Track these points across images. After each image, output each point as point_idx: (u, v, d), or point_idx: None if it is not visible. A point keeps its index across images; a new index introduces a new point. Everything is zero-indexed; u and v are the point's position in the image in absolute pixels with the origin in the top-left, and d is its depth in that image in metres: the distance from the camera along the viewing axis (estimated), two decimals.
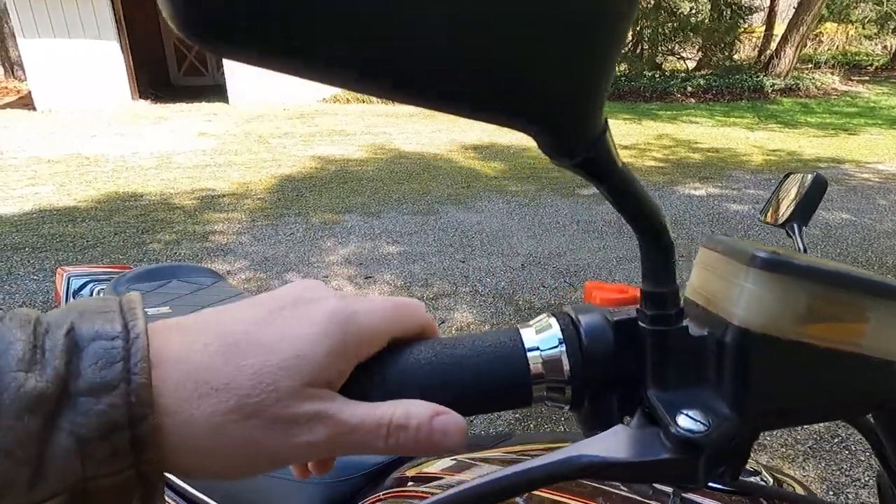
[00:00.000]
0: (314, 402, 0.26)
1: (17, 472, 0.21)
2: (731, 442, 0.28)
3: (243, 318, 0.27)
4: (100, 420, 0.22)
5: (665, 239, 0.28)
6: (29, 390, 0.21)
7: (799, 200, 0.83)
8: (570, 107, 0.21)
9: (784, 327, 0.26)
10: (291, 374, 0.25)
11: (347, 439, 0.26)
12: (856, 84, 12.18)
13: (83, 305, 0.25)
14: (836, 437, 2.11)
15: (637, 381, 0.30)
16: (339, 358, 0.27)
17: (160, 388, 0.24)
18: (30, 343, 0.22)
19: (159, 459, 0.23)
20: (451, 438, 0.28)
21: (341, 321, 0.27)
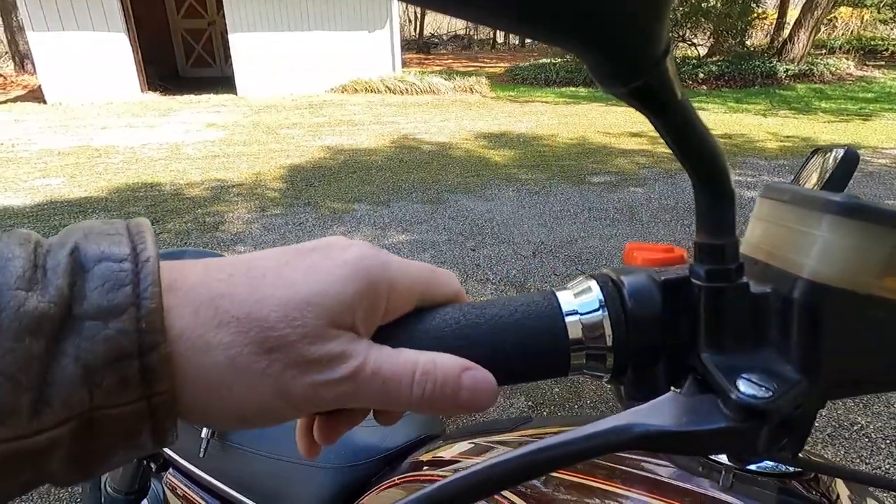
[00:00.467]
0: (339, 342, 0.24)
1: (17, 397, 0.19)
2: (798, 410, 0.25)
3: (269, 256, 0.25)
4: (107, 346, 0.20)
5: (726, 185, 0.25)
6: (30, 310, 0.19)
7: (827, 178, 0.80)
8: (631, 15, 0.18)
9: (862, 280, 0.23)
10: (318, 310, 0.24)
11: (370, 385, 0.25)
12: (871, 69, 11.98)
13: (87, 227, 0.23)
14: (854, 424, 2.07)
15: (686, 346, 0.27)
16: (367, 303, 0.25)
17: (175, 311, 0.22)
18: (30, 261, 0.20)
19: (171, 391, 0.21)
20: (480, 395, 0.26)
21: (372, 266, 0.26)
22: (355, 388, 0.24)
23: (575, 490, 0.57)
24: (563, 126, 7.31)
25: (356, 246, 0.26)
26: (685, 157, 0.24)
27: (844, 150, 0.80)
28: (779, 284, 0.26)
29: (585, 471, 0.59)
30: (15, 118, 8.20)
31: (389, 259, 0.27)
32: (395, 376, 0.25)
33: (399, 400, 0.25)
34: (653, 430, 0.24)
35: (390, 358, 0.25)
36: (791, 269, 0.25)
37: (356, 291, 0.25)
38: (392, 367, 0.25)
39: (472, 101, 9.62)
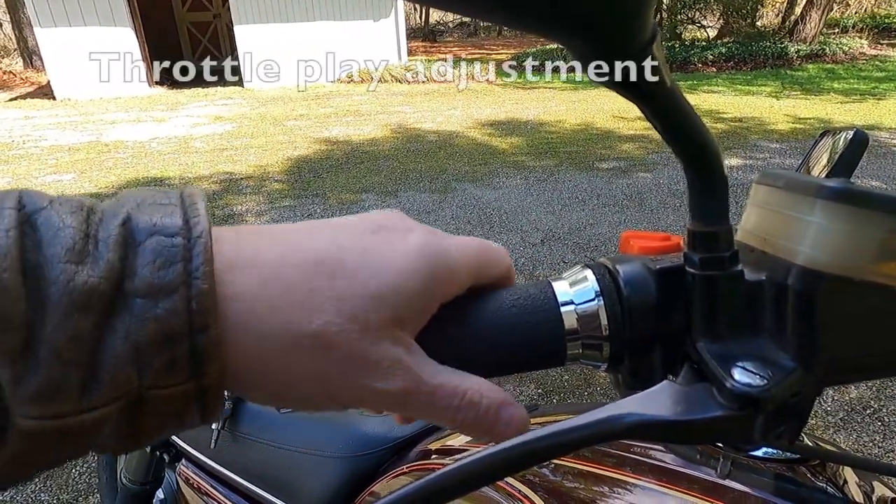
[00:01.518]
0: (397, 347, 0.24)
1: (66, 374, 0.19)
2: (794, 398, 0.25)
3: (326, 236, 0.24)
4: (157, 326, 0.20)
5: (718, 171, 0.25)
6: (79, 285, 0.19)
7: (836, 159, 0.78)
8: (616, 3, 0.18)
9: (857, 266, 0.23)
10: (380, 308, 0.23)
11: (420, 400, 0.24)
12: (885, 48, 11.75)
13: (140, 195, 0.22)
14: (867, 408, 2.06)
15: (682, 335, 0.27)
16: (426, 297, 0.25)
17: (232, 293, 0.21)
18: (81, 231, 0.20)
19: (221, 372, 0.21)
20: (511, 430, 0.26)
21: (433, 256, 0.25)
22: (403, 403, 0.24)
23: (583, 478, 0.57)
24: (570, 112, 7.25)
25: (416, 232, 0.26)
26: (676, 144, 0.24)
27: (854, 131, 0.79)
28: (774, 272, 0.25)
29: (594, 459, 0.59)
30: (25, 115, 8.26)
31: (447, 244, 0.26)
32: (444, 399, 0.25)
33: (441, 419, 0.25)
34: (646, 420, 0.24)
35: (445, 381, 0.25)
36: (785, 255, 0.25)
37: (416, 286, 0.24)
38: (445, 389, 0.25)
39: (478, 88, 9.56)
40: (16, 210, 0.19)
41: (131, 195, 0.22)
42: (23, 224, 0.19)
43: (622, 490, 0.55)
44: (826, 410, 2.05)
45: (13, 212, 0.19)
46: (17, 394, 0.18)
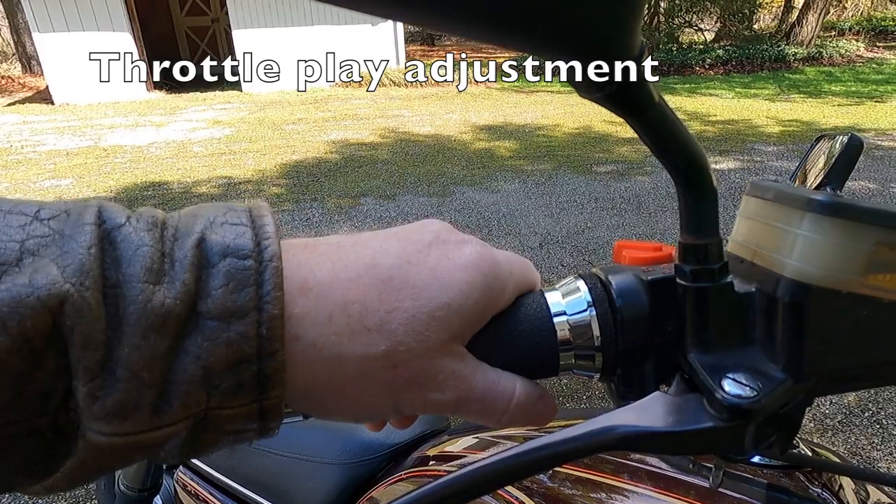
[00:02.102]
0: (454, 359, 0.25)
1: (140, 394, 0.19)
2: (783, 409, 0.25)
3: (391, 252, 0.25)
4: (228, 349, 0.20)
5: (708, 184, 0.25)
6: (157, 306, 0.19)
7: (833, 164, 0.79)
8: (601, 22, 0.18)
9: (844, 278, 0.23)
10: (442, 325, 0.24)
11: (470, 405, 0.26)
12: (882, 50, 11.80)
13: (212, 213, 0.23)
14: (866, 410, 2.06)
15: (674, 345, 0.28)
16: (482, 310, 0.26)
17: (309, 318, 0.22)
18: (158, 249, 0.20)
19: (283, 395, 0.22)
20: (545, 419, 0.28)
21: (488, 271, 0.26)
22: (458, 407, 0.26)
23: (581, 485, 0.57)
24: (568, 116, 7.27)
25: (469, 244, 0.27)
26: (666, 158, 0.24)
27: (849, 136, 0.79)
28: (763, 283, 0.25)
29: (592, 466, 0.59)
30: (23, 120, 8.26)
31: (498, 259, 0.27)
32: (493, 402, 0.26)
33: (488, 419, 0.27)
34: (638, 431, 0.24)
35: (493, 385, 0.26)
36: (775, 267, 0.25)
37: (476, 302, 0.25)
38: (493, 393, 0.26)
39: (477, 92, 9.57)
40: (96, 226, 0.20)
41: (203, 212, 0.23)
42: (103, 240, 0.20)
43: (620, 497, 0.55)
44: (824, 413, 2.05)
45: (94, 227, 0.20)
46: (91, 410, 0.19)
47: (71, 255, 0.19)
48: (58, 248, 0.19)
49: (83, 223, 0.20)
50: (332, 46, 10.31)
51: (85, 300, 0.18)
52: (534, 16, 0.17)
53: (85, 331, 0.18)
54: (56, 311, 0.18)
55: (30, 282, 0.18)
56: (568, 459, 0.25)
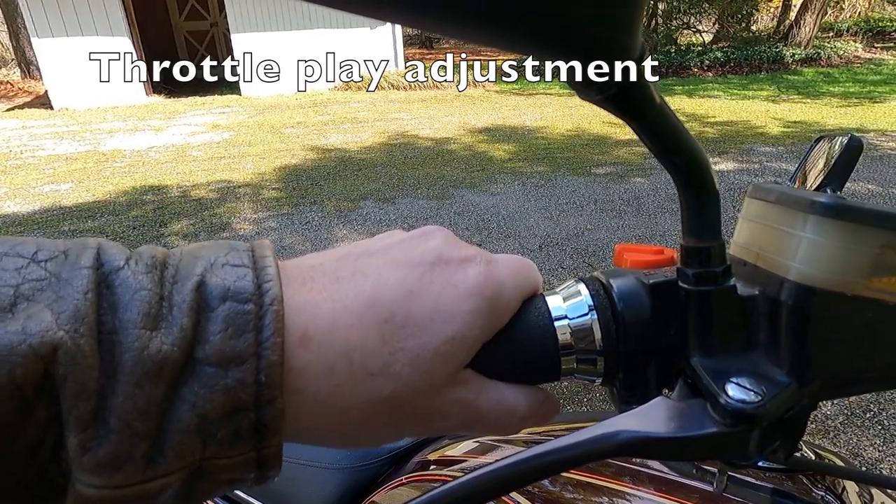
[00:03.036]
0: (459, 388, 0.25)
1: (133, 445, 0.19)
2: (788, 413, 0.25)
3: (391, 283, 0.24)
4: (225, 396, 0.20)
5: (710, 186, 0.25)
6: (153, 353, 0.19)
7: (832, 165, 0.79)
8: (601, 22, 0.18)
9: (849, 281, 0.23)
10: (446, 361, 0.24)
11: (476, 426, 0.26)
12: (879, 51, 11.82)
13: (213, 253, 0.22)
14: (868, 411, 2.05)
15: (677, 349, 0.27)
16: (485, 334, 0.26)
17: (311, 370, 0.21)
18: (156, 294, 0.20)
19: (280, 443, 0.21)
20: (547, 420, 0.28)
21: (492, 296, 0.25)
22: (464, 429, 0.26)
23: (582, 489, 0.57)
24: (567, 118, 7.27)
25: (473, 265, 0.25)
26: (667, 161, 0.24)
27: (848, 137, 0.79)
28: (767, 286, 0.25)
29: (593, 469, 0.58)
30: (22, 124, 8.26)
31: (502, 277, 0.26)
32: (499, 419, 0.26)
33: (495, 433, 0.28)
34: (640, 437, 0.24)
35: (497, 402, 0.26)
36: (778, 270, 0.25)
37: (480, 329, 0.25)
38: (498, 410, 0.26)
39: (476, 94, 9.58)
40: (94, 269, 0.19)
41: (204, 252, 0.22)
42: (100, 284, 0.19)
43: (622, 501, 0.55)
44: (826, 415, 2.05)
45: (91, 272, 0.19)
46: (82, 462, 0.18)
47: (66, 300, 0.18)
48: (53, 292, 0.19)
49: (80, 266, 0.19)
50: (331, 49, 10.32)
51: (79, 347, 0.18)
52: (533, 16, 0.17)
53: (78, 379, 0.18)
54: (48, 359, 0.18)
55: (22, 329, 0.17)
56: (571, 466, 0.24)
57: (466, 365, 0.26)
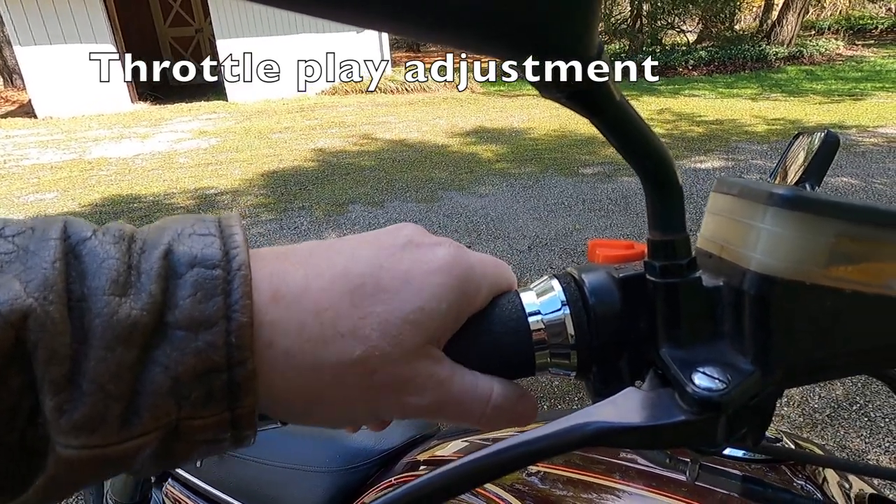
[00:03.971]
0: (431, 362, 0.25)
1: (108, 406, 0.19)
2: (753, 400, 0.25)
3: (363, 258, 0.25)
4: (196, 358, 0.20)
5: (673, 181, 0.25)
6: (122, 318, 0.19)
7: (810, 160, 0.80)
8: (558, 21, 0.18)
9: (807, 270, 0.24)
10: (416, 328, 0.24)
11: (448, 408, 0.26)
12: (861, 48, 11.98)
13: (180, 224, 0.22)
14: (854, 404, 2.08)
15: (647, 341, 0.28)
16: (456, 313, 0.26)
17: (281, 326, 0.22)
18: (124, 262, 0.20)
19: (255, 403, 0.22)
20: (525, 419, 0.28)
21: (461, 274, 0.26)
22: (437, 410, 0.26)
23: (572, 486, 0.57)
24: (553, 118, 7.31)
25: (442, 246, 0.26)
26: (631, 157, 0.24)
27: (825, 132, 0.80)
28: (730, 277, 0.26)
29: (582, 466, 0.59)
30: (6, 134, 8.18)
31: (471, 261, 0.27)
32: (471, 404, 0.26)
33: (468, 421, 0.27)
34: (610, 427, 0.24)
35: (471, 387, 0.26)
36: (740, 262, 0.25)
37: (449, 305, 0.25)
38: (472, 396, 0.26)
39: (462, 97, 9.60)
40: (61, 241, 0.20)
41: (171, 224, 0.23)
42: (68, 255, 0.20)
43: (610, 496, 0.55)
44: (813, 408, 2.07)
45: (58, 242, 0.20)
46: (59, 424, 0.19)
47: (34, 270, 0.19)
48: (21, 264, 0.19)
49: (47, 238, 0.20)
50: (317, 54, 10.30)
51: (48, 314, 0.18)
52: (490, 16, 0.17)
53: (49, 345, 0.18)
54: (19, 326, 0.18)
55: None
56: (543, 457, 0.25)
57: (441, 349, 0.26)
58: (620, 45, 12.23)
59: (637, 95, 8.70)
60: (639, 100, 8.38)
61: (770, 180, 0.89)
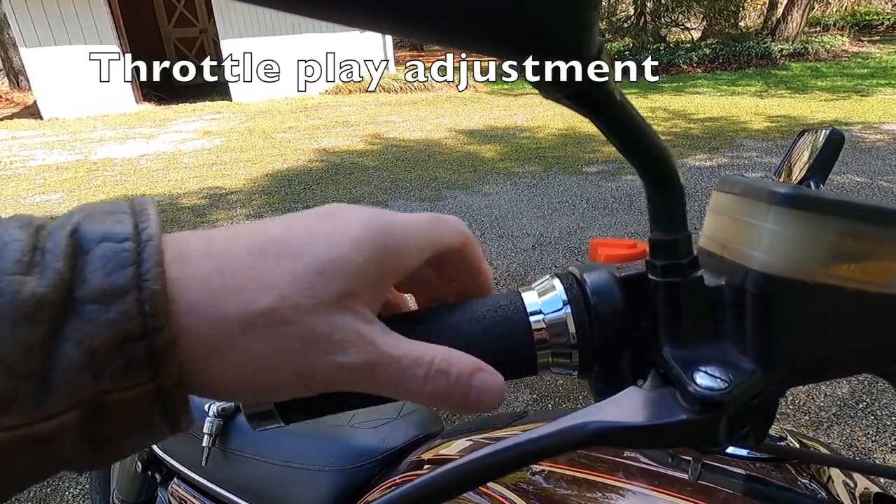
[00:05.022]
0: (353, 318, 0.24)
1: (19, 385, 0.19)
2: (755, 399, 0.25)
3: (275, 223, 0.25)
4: (110, 329, 0.20)
5: (674, 180, 0.25)
6: (27, 296, 0.19)
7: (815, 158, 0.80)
8: (560, 21, 0.18)
9: (809, 269, 0.24)
10: (330, 279, 0.23)
11: (385, 371, 0.24)
12: (866, 44, 11.91)
13: (91, 206, 0.22)
14: (860, 402, 2.07)
15: (649, 340, 0.28)
16: (379, 269, 0.25)
17: (183, 282, 0.21)
18: (29, 244, 0.20)
19: (180, 373, 0.21)
20: (487, 397, 0.25)
21: (379, 228, 0.25)
22: (370, 373, 0.24)
23: (576, 485, 0.57)
24: (556, 117, 7.29)
25: (363, 210, 0.26)
26: (632, 156, 0.24)
27: (830, 130, 0.80)
28: (732, 277, 0.26)
29: (587, 465, 0.59)
30: (12, 135, 8.22)
31: (395, 218, 0.26)
32: (410, 367, 0.24)
33: (409, 392, 0.25)
34: (611, 426, 0.24)
35: (408, 350, 0.25)
36: (742, 260, 0.25)
37: (368, 258, 0.24)
38: (410, 357, 0.24)
39: (466, 96, 9.60)
40: None
41: (82, 208, 0.22)
42: None
43: (614, 495, 0.55)
44: (819, 406, 2.06)
45: None
46: None
47: None
48: None
49: None
50: (321, 54, 10.32)
51: None
52: (489, 17, 0.17)
53: None
54: None
55: None
56: (543, 457, 0.25)
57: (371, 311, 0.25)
58: (624, 43, 12.19)
59: (643, 94, 8.68)
60: (645, 98, 8.35)
61: (774, 178, 0.89)
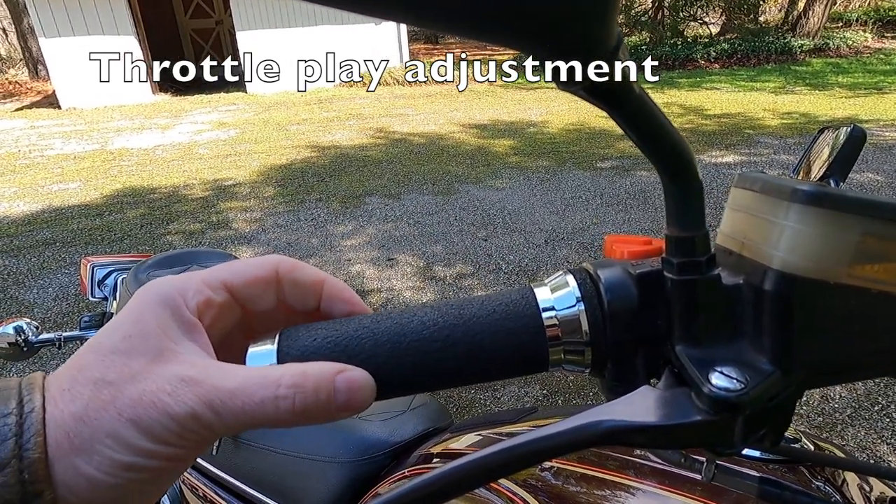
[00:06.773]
0: (171, 366, 0.24)
1: None
2: (772, 401, 0.25)
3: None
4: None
5: (693, 177, 0.25)
6: None
7: (835, 155, 0.78)
8: (579, 13, 0.18)
9: (831, 269, 0.23)
10: (130, 352, 0.25)
11: (229, 406, 0.23)
12: (890, 41, 11.68)
13: None
14: (876, 404, 2.04)
15: (664, 339, 0.27)
16: (169, 319, 0.26)
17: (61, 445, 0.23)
18: None
19: None
20: (357, 396, 0.25)
21: (153, 286, 0.27)
22: (215, 414, 0.24)
23: (586, 482, 0.57)
24: (570, 111, 7.24)
25: (151, 282, 0.28)
26: (650, 151, 0.24)
27: (851, 127, 0.78)
28: (751, 275, 0.25)
29: (596, 462, 0.58)
30: (31, 124, 8.32)
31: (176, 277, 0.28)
32: (256, 393, 0.24)
33: (270, 417, 0.24)
34: (624, 425, 0.24)
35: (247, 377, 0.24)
36: (762, 259, 0.25)
37: (152, 315, 0.26)
38: (251, 384, 0.24)
39: (480, 89, 9.56)
40: None
41: None
42: None
43: (624, 493, 0.55)
44: (833, 408, 2.04)
45: None
46: None
47: None
48: None
49: None
50: (335, 46, 10.32)
51: None
52: (509, 11, 0.17)
53: None
54: None
55: None
56: (555, 455, 0.24)
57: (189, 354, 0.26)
58: (641, 37, 12.06)
59: (659, 89, 8.58)
60: (662, 93, 8.26)
61: (793, 176, 0.88)
